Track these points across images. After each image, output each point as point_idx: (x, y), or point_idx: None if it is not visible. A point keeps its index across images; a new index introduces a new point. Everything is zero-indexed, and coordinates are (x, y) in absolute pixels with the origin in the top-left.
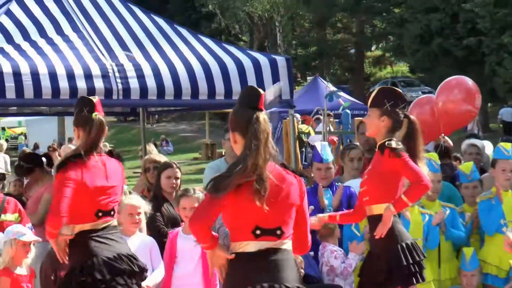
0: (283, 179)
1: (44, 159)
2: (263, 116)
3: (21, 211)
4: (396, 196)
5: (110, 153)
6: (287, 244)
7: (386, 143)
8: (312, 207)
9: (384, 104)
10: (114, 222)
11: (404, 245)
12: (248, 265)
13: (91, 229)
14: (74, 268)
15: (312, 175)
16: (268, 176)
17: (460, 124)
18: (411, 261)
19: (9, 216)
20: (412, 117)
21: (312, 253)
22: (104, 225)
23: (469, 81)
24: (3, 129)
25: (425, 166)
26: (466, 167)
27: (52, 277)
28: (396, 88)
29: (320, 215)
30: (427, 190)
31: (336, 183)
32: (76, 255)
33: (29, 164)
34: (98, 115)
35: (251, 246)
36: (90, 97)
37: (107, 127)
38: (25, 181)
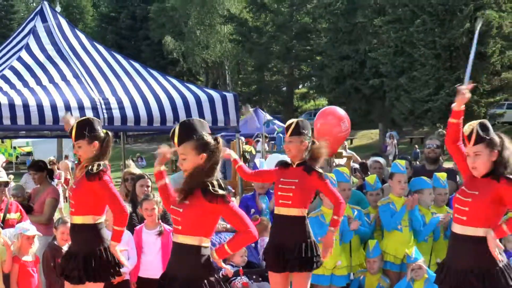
0: None
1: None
2: None
3: (22, 211)
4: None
5: None
6: None
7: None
8: (253, 210)
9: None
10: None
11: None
12: None
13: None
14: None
15: (253, 184)
16: None
17: (337, 143)
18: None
19: (12, 215)
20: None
21: (253, 244)
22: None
23: (340, 110)
24: (15, 148)
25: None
26: (371, 178)
27: (52, 263)
28: None
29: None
30: None
31: (271, 191)
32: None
33: (43, 164)
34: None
35: None
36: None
37: None
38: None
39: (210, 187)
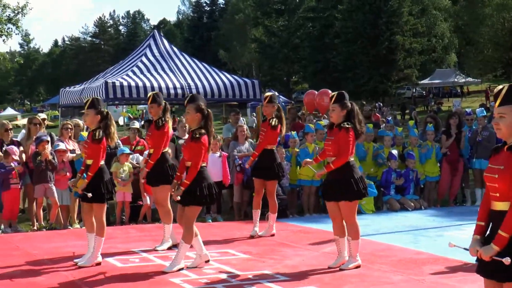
0: None
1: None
2: None
3: (145, 144)
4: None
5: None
6: None
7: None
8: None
9: None
10: None
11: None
12: None
13: None
14: None
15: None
16: None
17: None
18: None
19: (138, 147)
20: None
21: None
22: None
23: (329, 91)
24: (138, 110)
25: None
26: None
27: None
28: None
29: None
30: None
31: None
32: None
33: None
34: None
35: None
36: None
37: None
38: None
39: (196, 133)
